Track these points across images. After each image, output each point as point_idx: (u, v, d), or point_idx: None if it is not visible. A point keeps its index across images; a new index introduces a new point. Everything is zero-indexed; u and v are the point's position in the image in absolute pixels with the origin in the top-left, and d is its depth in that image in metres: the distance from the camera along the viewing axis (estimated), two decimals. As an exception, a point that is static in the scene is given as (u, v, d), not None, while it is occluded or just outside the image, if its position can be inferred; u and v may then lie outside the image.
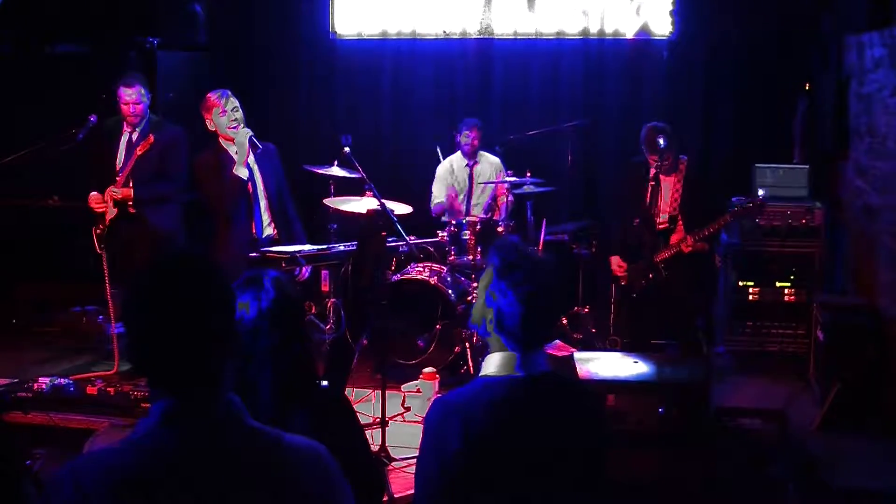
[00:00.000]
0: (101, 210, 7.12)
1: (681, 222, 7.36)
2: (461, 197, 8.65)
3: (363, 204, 6.79)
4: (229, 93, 6.72)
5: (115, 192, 7.09)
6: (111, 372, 7.15)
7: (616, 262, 7.54)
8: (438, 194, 8.73)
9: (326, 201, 7.41)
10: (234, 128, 6.65)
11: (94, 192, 7.16)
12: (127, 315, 2.08)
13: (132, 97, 7.14)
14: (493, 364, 2.92)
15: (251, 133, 6.65)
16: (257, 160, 6.76)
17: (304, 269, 6.70)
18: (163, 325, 2.02)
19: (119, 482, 1.95)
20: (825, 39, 8.08)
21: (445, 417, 2.81)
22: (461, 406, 2.82)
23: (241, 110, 6.71)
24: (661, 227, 7.39)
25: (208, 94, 6.72)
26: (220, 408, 2.06)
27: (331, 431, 2.96)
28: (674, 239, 7.29)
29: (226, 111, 6.64)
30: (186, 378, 2.05)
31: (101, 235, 7.14)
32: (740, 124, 8.89)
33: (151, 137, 7.08)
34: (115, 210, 7.11)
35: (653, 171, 7.19)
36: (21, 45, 8.74)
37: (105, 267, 7.16)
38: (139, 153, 7.06)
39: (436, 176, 8.77)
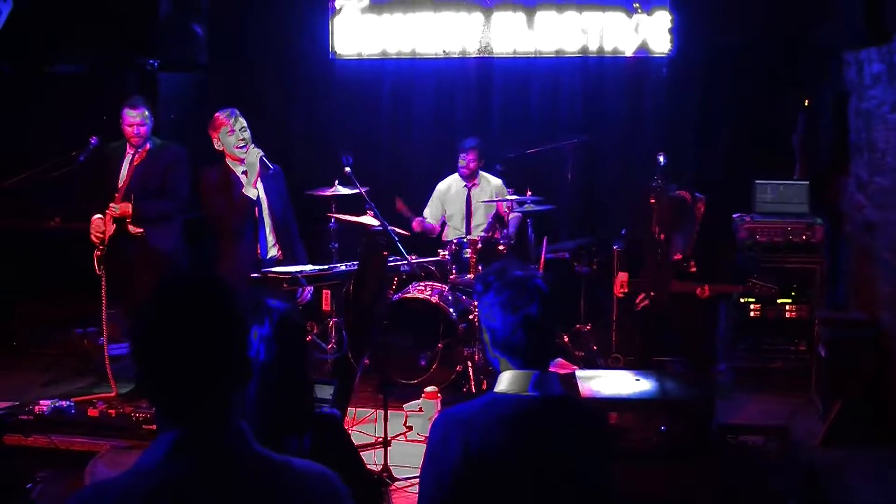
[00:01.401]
0: (98, 238, 7.06)
1: (692, 263, 7.21)
2: (458, 219, 8.64)
3: (367, 219, 6.81)
4: (237, 112, 6.70)
5: (115, 207, 7.01)
6: (111, 394, 7.09)
7: (621, 280, 7.40)
8: (428, 213, 8.80)
9: (332, 215, 7.44)
10: (242, 147, 6.63)
11: (96, 216, 7.11)
12: (135, 341, 2.02)
13: (136, 119, 7.09)
14: (505, 381, 2.91)
15: (262, 153, 6.62)
16: (263, 181, 6.74)
17: (305, 291, 6.66)
18: (172, 352, 1.96)
19: None
20: (824, 55, 8.10)
21: (448, 430, 2.81)
22: (465, 420, 2.82)
23: (248, 130, 6.69)
24: (674, 259, 7.27)
25: (216, 114, 6.69)
26: (228, 436, 2.01)
27: (327, 455, 2.95)
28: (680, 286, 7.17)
29: (234, 130, 6.62)
30: (195, 406, 1.98)
31: (101, 257, 7.09)
32: (740, 140, 8.89)
33: (148, 145, 7.08)
34: (114, 226, 7.07)
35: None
36: (22, 65, 8.76)
37: (103, 288, 7.11)
38: (136, 163, 7.04)
39: (434, 192, 8.79)
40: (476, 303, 7.29)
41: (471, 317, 7.44)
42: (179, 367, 1.97)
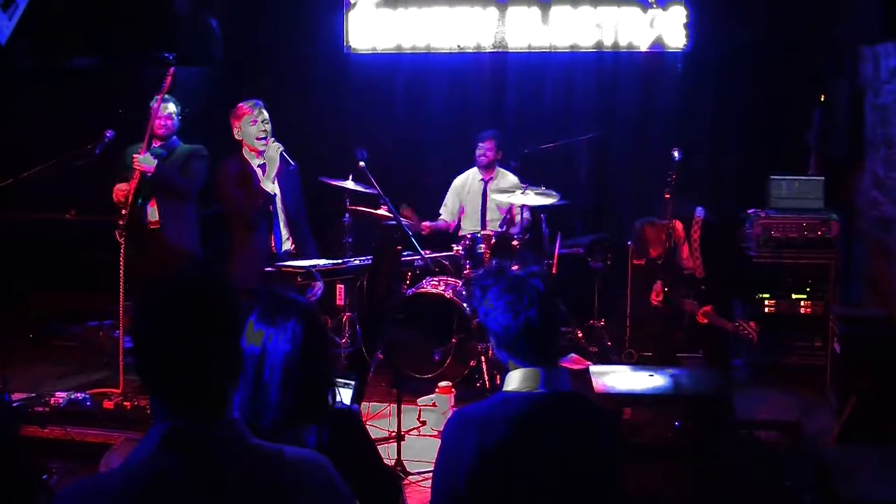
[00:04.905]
0: (123, 195, 6.99)
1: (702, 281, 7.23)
2: (475, 214, 8.62)
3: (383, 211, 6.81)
4: (262, 104, 6.70)
5: (139, 160, 6.87)
6: (118, 391, 6.96)
7: (657, 289, 7.36)
8: (445, 210, 8.79)
9: (349, 207, 7.44)
10: (262, 139, 6.62)
11: (120, 184, 7.07)
12: (134, 330, 2.05)
13: (164, 112, 7.08)
14: (514, 380, 2.92)
15: (283, 148, 6.61)
16: (280, 177, 6.72)
17: (316, 287, 6.64)
18: (168, 343, 1.98)
19: None
20: (840, 50, 8.07)
21: (461, 429, 2.82)
22: (478, 419, 2.82)
23: (270, 123, 6.69)
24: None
25: (240, 103, 6.69)
26: (222, 428, 2.02)
27: (345, 447, 2.97)
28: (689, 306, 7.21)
29: (256, 121, 6.62)
30: (190, 398, 2.00)
31: (124, 225, 6.98)
32: (755, 135, 8.87)
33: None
34: (137, 178, 6.95)
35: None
36: (39, 59, 8.78)
37: (121, 280, 7.06)
38: (156, 106, 7.01)
39: (450, 188, 8.78)
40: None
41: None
42: (176, 361, 1.98)
